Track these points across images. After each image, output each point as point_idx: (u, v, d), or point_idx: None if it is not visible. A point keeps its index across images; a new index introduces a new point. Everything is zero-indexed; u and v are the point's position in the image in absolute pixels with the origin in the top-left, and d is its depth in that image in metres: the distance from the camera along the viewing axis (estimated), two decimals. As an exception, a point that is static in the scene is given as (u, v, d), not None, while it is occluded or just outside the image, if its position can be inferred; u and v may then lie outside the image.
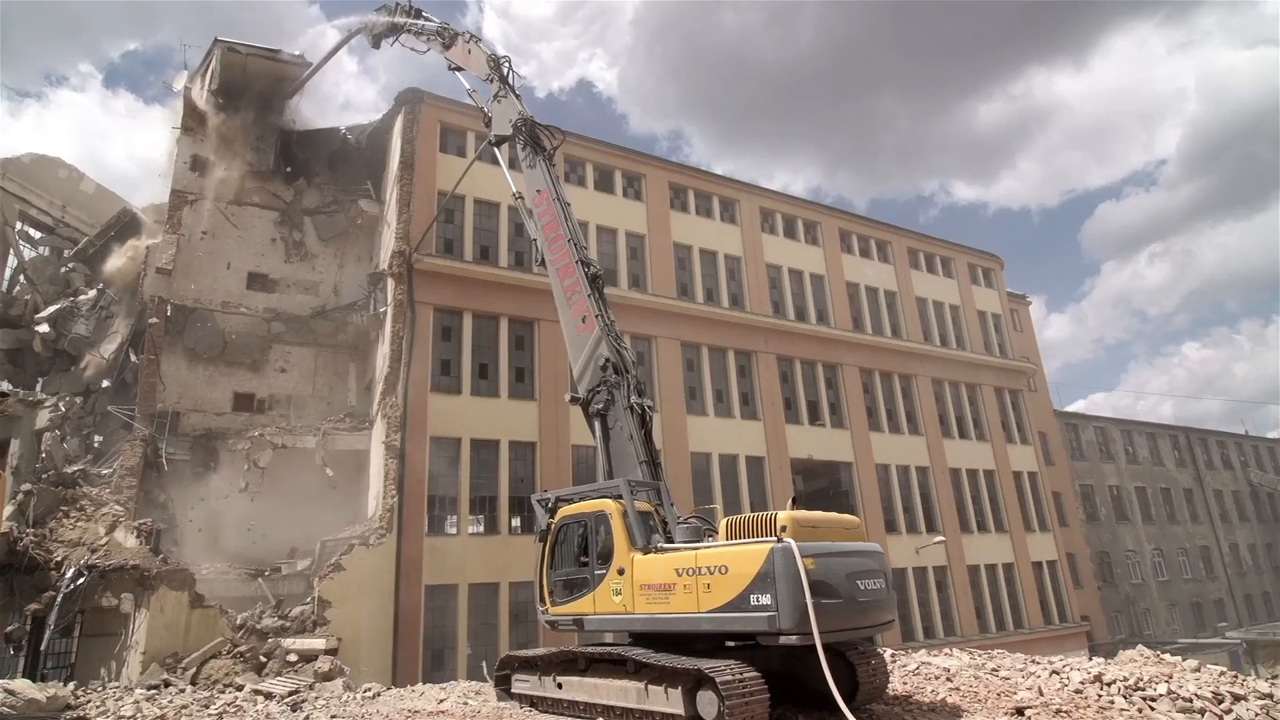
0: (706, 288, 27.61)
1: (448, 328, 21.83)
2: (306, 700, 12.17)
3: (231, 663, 14.92)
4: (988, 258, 37.97)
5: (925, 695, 9.49)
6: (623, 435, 10.33)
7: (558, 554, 9.74)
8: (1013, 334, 37.56)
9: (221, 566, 18.33)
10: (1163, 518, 46.10)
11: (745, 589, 7.45)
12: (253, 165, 23.57)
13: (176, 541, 18.82)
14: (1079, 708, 8.35)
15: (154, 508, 18.77)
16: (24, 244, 25.70)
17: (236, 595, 17.68)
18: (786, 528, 7.57)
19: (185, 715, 11.08)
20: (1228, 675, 9.63)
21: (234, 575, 18.24)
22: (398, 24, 17.48)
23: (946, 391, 32.71)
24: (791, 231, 31.09)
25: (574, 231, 11.72)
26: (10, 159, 25.02)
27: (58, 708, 11.20)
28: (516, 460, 21.46)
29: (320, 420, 21.90)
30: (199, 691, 13.17)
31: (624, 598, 8.64)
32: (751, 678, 7.22)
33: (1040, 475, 34.76)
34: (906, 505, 29.31)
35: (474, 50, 14.34)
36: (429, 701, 11.42)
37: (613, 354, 10.63)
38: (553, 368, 22.05)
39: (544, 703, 9.45)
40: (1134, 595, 42.15)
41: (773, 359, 27.73)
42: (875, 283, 32.58)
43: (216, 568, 18.18)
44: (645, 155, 28.16)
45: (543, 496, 10.38)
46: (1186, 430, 51.39)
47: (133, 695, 12.50)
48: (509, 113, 13.13)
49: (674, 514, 9.41)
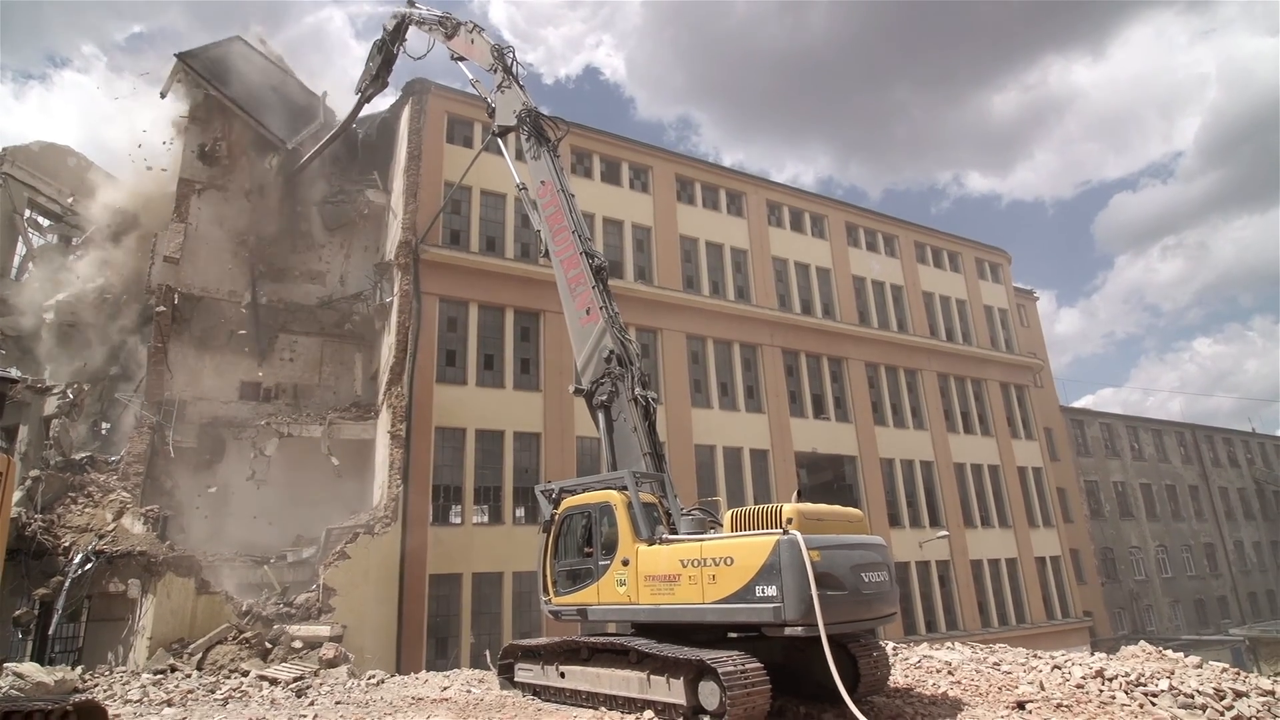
0: (712, 280, 27.58)
1: (453, 318, 21.87)
2: (311, 686, 12.26)
3: (237, 649, 15.03)
4: (995, 252, 37.83)
5: (926, 688, 9.51)
6: (626, 427, 10.35)
7: (561, 545, 9.78)
8: (1019, 329, 37.45)
9: (227, 553, 18.44)
10: (1167, 514, 46.00)
11: (750, 580, 7.48)
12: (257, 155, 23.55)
13: (183, 528, 18.94)
14: (1080, 702, 8.36)
15: (161, 494, 18.89)
16: (33, 231, 25.80)
17: (242, 582, 17.81)
18: (792, 520, 7.59)
19: (191, 700, 11.19)
20: (1230, 672, 9.63)
21: (240, 562, 18.36)
22: (402, 15, 17.45)
23: (952, 386, 32.65)
24: (798, 224, 31.02)
25: (578, 223, 11.70)
26: (19, 147, 25.06)
27: (65, 691, 11.31)
28: (521, 451, 21.52)
29: (326, 410, 21.98)
30: (205, 676, 13.28)
31: (628, 588, 8.67)
32: (753, 669, 7.25)
33: (1045, 471, 34.70)
34: (910, 499, 29.31)
35: (477, 40, 14.25)
36: (433, 689, 11.50)
37: (617, 346, 10.64)
38: (558, 359, 22.07)
39: (546, 691, 9.51)
40: (1137, 591, 42.11)
41: (778, 352, 27.71)
42: (881, 277, 32.50)
43: (222, 554, 18.29)
44: (652, 147, 28.09)
45: (547, 487, 10.42)
46: (1193, 427, 51.21)
47: (139, 680, 12.63)
48: (513, 103, 13.06)
49: (678, 506, 9.44)
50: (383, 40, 18.52)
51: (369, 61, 19.26)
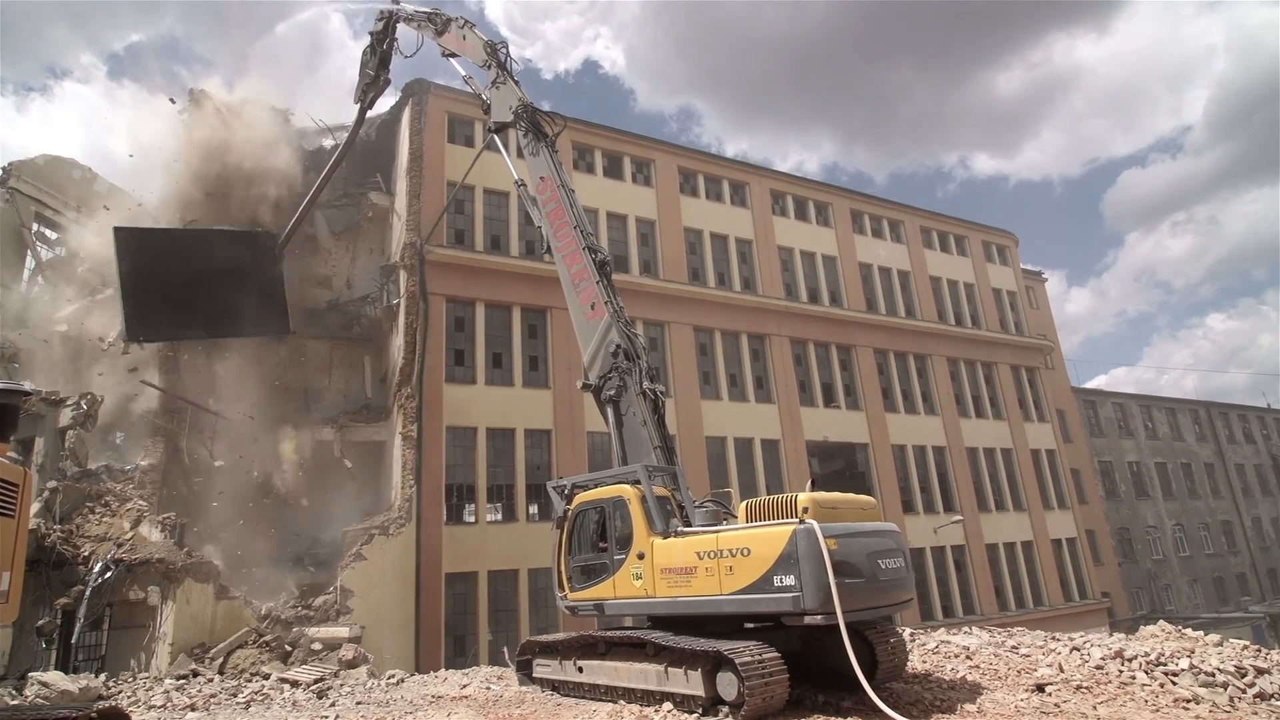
0: (718, 272, 27.52)
1: (460, 318, 21.91)
2: (332, 688, 12.36)
3: (257, 652, 15.14)
4: (1002, 235, 37.60)
5: (945, 673, 9.50)
6: (636, 421, 10.35)
7: (575, 540, 9.81)
8: (1029, 311, 37.22)
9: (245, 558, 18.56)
10: (1183, 493, 45.73)
11: (768, 570, 7.49)
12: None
13: (200, 535, 19.08)
14: (1100, 684, 8.34)
15: (177, 502, 19.02)
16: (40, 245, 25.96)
17: (261, 586, 17.94)
18: (808, 509, 7.59)
19: (214, 703, 11.29)
20: (1251, 649, 9.58)
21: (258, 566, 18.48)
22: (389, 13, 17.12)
23: (962, 371, 32.51)
24: (803, 213, 30.90)
25: (579, 218, 11.65)
26: (25, 161, 25.18)
27: (90, 698, 11.43)
28: (532, 448, 21.57)
29: (337, 412, 22.07)
30: (226, 681, 13.40)
31: (644, 582, 8.69)
32: (771, 658, 7.26)
33: (1058, 453, 34.53)
34: (924, 485, 29.23)
35: (469, 36, 14.01)
36: (452, 687, 11.57)
37: (623, 340, 10.63)
38: (566, 355, 22.09)
39: (565, 686, 9.55)
40: (1155, 571, 41.92)
41: (786, 342, 27.65)
42: (888, 263, 32.36)
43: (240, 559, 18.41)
44: (654, 140, 28.01)
45: (559, 483, 10.44)
46: (1208, 405, 50.87)
47: (162, 685, 12.74)
48: (508, 99, 12.92)
49: (690, 498, 9.45)
50: (374, 42, 18.24)
51: (364, 68, 18.52)
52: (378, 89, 18.92)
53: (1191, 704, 7.63)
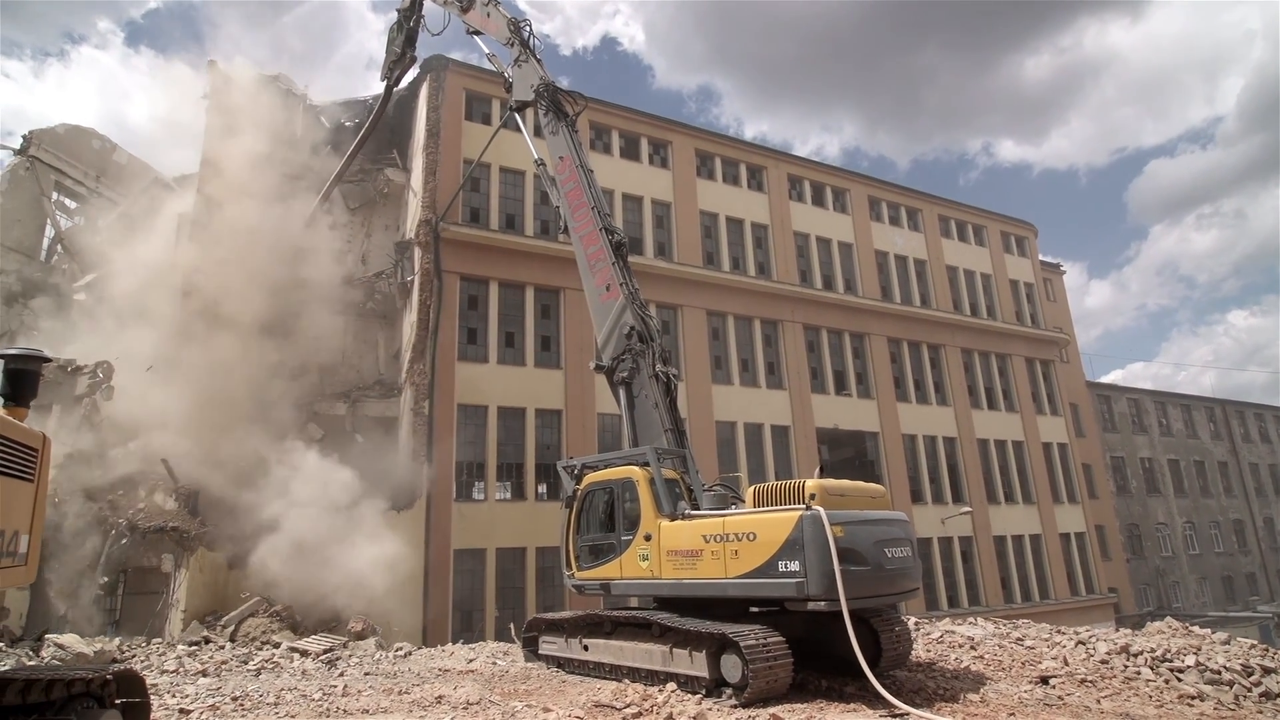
0: (733, 256, 27.39)
1: (474, 296, 21.94)
2: (341, 658, 12.55)
3: (268, 621, 15.38)
4: (1021, 225, 37.17)
5: (949, 663, 9.52)
6: (648, 403, 10.37)
7: (584, 520, 9.86)
8: (1045, 304, 36.85)
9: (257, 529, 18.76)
10: (1196, 490, 45.41)
11: (774, 555, 7.50)
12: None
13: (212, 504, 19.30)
14: (1104, 678, 8.33)
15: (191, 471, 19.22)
16: (60, 214, 26.17)
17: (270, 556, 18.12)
18: (815, 495, 7.59)
19: (225, 670, 11.49)
20: (1258, 648, 9.54)
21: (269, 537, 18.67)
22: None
23: (976, 362, 32.29)
24: (820, 199, 30.65)
25: (597, 199, 11.64)
26: (45, 130, 25.35)
27: (105, 661, 11.66)
28: (543, 428, 21.66)
29: (351, 388, 22.19)
30: (238, 648, 13.62)
31: (651, 563, 8.74)
32: (775, 642, 7.30)
33: (1070, 447, 34.32)
34: (933, 475, 29.16)
35: (493, 13, 13.99)
36: (459, 661, 11.72)
37: (637, 322, 10.63)
38: (578, 336, 22.10)
39: (570, 664, 9.65)
40: (1164, 568, 41.74)
41: (799, 328, 27.53)
42: (905, 251, 32.09)
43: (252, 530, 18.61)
44: (672, 122, 27.79)
45: (569, 463, 10.48)
46: (1223, 402, 50.36)
47: (175, 651, 12.98)
48: (530, 78, 12.92)
49: (699, 482, 9.47)
50: (400, 20, 18.28)
51: (390, 45, 18.62)
52: (404, 66, 18.95)
53: (1196, 701, 7.62)
